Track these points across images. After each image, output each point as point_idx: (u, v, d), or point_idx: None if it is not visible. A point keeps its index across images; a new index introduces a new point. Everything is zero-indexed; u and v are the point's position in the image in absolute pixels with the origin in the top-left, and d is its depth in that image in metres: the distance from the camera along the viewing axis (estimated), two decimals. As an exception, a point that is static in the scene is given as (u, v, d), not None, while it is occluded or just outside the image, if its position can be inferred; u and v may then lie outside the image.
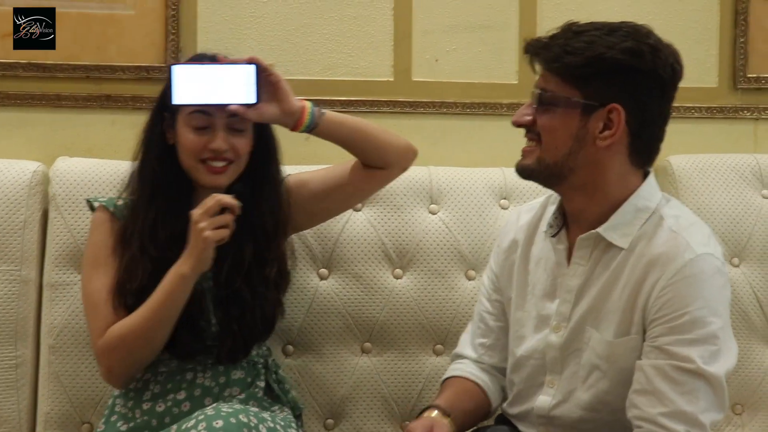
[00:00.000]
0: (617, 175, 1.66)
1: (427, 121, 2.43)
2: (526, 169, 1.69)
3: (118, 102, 2.31)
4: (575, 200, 1.70)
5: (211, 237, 1.75)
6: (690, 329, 1.56)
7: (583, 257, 1.70)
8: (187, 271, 1.78)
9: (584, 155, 1.63)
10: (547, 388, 1.74)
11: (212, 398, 1.87)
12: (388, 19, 2.40)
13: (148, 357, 1.86)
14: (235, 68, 1.83)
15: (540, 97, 1.65)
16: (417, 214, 2.25)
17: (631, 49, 1.58)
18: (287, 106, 1.87)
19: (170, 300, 1.79)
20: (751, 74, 2.53)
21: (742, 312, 2.27)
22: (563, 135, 1.63)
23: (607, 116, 1.60)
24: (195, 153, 1.86)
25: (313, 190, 2.03)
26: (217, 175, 1.87)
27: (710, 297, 1.58)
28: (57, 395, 2.09)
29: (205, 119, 1.85)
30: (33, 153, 2.26)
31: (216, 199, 1.77)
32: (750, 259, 2.31)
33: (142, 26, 2.31)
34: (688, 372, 1.54)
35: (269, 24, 2.36)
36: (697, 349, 1.55)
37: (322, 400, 2.19)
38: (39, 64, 2.27)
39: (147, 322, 1.80)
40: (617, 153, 1.64)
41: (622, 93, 1.60)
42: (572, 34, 1.62)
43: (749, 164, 2.38)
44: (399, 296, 2.21)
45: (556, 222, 1.75)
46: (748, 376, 2.27)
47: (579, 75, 1.60)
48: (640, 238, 1.65)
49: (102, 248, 1.91)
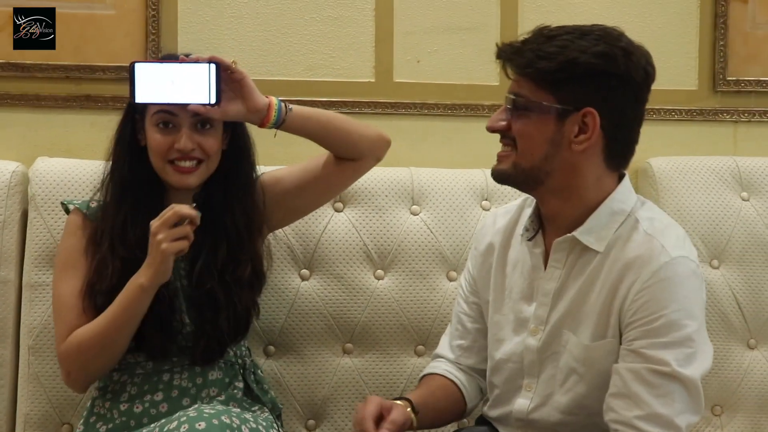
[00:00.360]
0: (593, 178, 1.66)
1: (408, 122, 2.43)
2: (503, 174, 1.69)
3: (98, 102, 2.30)
4: (551, 203, 1.70)
5: (169, 249, 1.73)
6: (665, 332, 1.56)
7: (559, 261, 1.70)
8: (145, 282, 1.76)
9: (560, 159, 1.63)
10: (525, 392, 1.74)
11: (190, 399, 1.87)
12: (369, 20, 2.40)
13: (105, 364, 1.85)
14: (195, 67, 1.80)
15: (514, 102, 1.64)
16: (398, 215, 2.25)
17: (603, 53, 1.58)
18: (252, 104, 1.85)
19: (129, 310, 1.78)
20: (731, 77, 2.54)
21: (721, 313, 2.29)
22: (538, 140, 1.62)
23: (582, 120, 1.60)
24: (161, 153, 1.85)
25: (288, 187, 2.02)
26: (186, 175, 1.85)
27: (685, 300, 1.59)
28: (36, 396, 2.08)
29: (169, 118, 1.85)
30: (12, 153, 2.25)
31: (174, 210, 1.74)
32: (729, 261, 2.33)
33: (122, 26, 2.30)
34: (663, 375, 1.55)
35: (250, 25, 2.35)
36: (672, 352, 1.56)
37: (304, 400, 2.18)
38: (18, 64, 2.26)
39: (105, 331, 1.79)
40: (593, 156, 1.64)
41: (596, 97, 1.59)
42: (544, 39, 1.62)
43: (729, 166, 2.40)
44: (380, 297, 2.21)
45: (532, 225, 1.75)
46: (728, 377, 2.29)
47: (552, 80, 1.59)
48: (616, 241, 1.65)
49: (72, 252, 1.90)
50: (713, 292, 2.29)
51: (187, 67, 1.81)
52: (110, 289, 1.83)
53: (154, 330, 1.84)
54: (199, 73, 1.80)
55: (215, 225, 1.88)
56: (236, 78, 1.83)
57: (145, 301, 1.78)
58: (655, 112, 2.50)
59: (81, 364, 1.84)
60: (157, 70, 1.81)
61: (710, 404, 2.29)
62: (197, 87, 1.80)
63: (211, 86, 1.80)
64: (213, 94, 1.80)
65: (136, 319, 1.80)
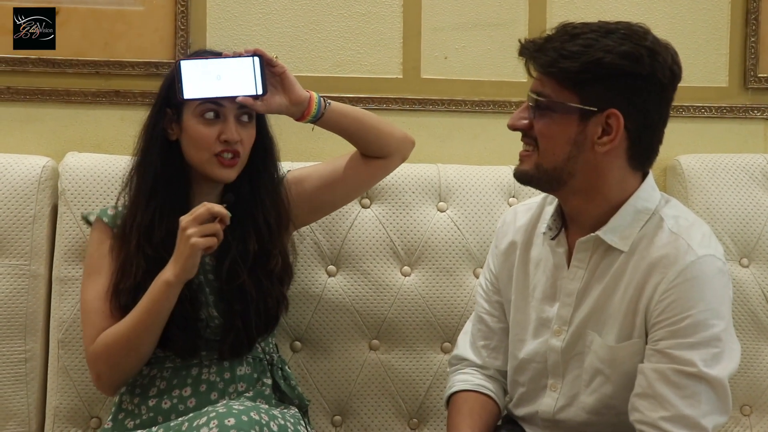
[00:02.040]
0: (616, 179, 1.63)
1: (435, 119, 2.43)
2: (525, 174, 1.66)
3: (127, 98, 2.31)
4: (574, 203, 1.68)
5: (199, 244, 1.74)
6: (692, 333, 1.55)
7: (582, 260, 1.68)
8: (171, 278, 1.77)
9: (583, 160, 1.60)
10: (550, 392, 1.73)
11: (217, 393, 1.88)
12: (397, 16, 2.40)
13: (134, 364, 1.86)
14: (240, 61, 1.84)
15: (537, 101, 1.61)
16: (425, 212, 2.25)
17: (628, 53, 1.54)
18: (294, 96, 1.88)
19: (155, 308, 1.79)
20: (762, 74, 2.51)
21: (750, 312, 2.27)
22: (561, 141, 1.60)
23: (606, 122, 1.57)
24: (208, 145, 1.86)
25: (315, 184, 2.03)
26: (228, 168, 1.87)
27: (712, 299, 1.57)
28: (66, 389, 2.10)
29: (217, 108, 1.86)
30: (42, 148, 2.27)
31: (206, 207, 1.76)
32: (759, 260, 2.30)
33: (151, 22, 2.31)
34: (689, 376, 1.54)
35: (278, 20, 2.36)
36: (698, 353, 1.54)
37: (330, 396, 2.19)
38: (48, 60, 2.28)
39: (132, 330, 1.81)
40: (616, 157, 1.61)
41: (620, 98, 1.56)
42: (568, 37, 1.58)
43: (759, 164, 2.37)
44: (407, 293, 2.21)
45: (554, 224, 1.73)
46: (757, 377, 2.27)
47: (576, 80, 1.56)
48: (641, 240, 1.63)
49: (96, 257, 1.92)
50: (743, 290, 2.27)
51: (232, 62, 1.84)
52: (134, 287, 1.84)
53: (178, 330, 1.85)
54: (243, 66, 1.84)
55: (245, 219, 1.89)
56: (278, 71, 1.87)
57: (172, 298, 1.79)
58: (685, 110, 2.48)
59: (110, 365, 1.85)
60: (203, 66, 1.84)
61: (739, 404, 2.28)
62: (243, 80, 1.84)
63: (257, 78, 1.84)
64: (260, 85, 1.85)
65: (163, 316, 1.80)
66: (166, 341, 1.86)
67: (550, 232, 1.74)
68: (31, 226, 2.12)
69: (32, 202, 2.13)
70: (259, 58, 1.84)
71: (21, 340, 2.11)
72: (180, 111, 1.88)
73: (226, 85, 1.84)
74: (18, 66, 2.28)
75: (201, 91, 1.83)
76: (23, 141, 2.28)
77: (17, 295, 2.10)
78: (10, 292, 2.10)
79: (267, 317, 1.92)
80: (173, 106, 1.88)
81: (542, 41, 1.61)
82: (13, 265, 2.11)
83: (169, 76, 1.90)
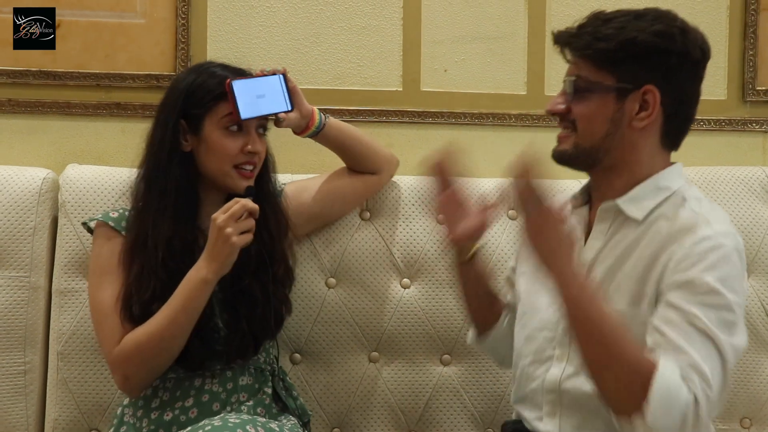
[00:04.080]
0: (648, 155, 1.67)
1: (435, 131, 2.43)
2: (564, 154, 1.69)
3: (127, 110, 2.32)
4: (605, 180, 1.70)
5: (238, 242, 1.77)
6: (704, 292, 1.50)
7: (601, 231, 1.69)
8: (210, 275, 1.78)
9: (620, 137, 1.64)
10: (556, 362, 1.70)
11: (220, 404, 1.88)
12: (397, 29, 2.41)
13: (165, 364, 1.86)
14: (271, 79, 1.94)
15: (574, 84, 1.66)
16: (425, 224, 2.25)
17: (661, 31, 1.61)
18: (304, 110, 1.99)
19: (191, 305, 1.79)
20: (761, 87, 2.53)
21: (750, 325, 2.25)
22: (599, 120, 1.64)
23: (642, 98, 1.62)
24: (231, 157, 1.88)
25: (312, 196, 2.09)
26: (248, 180, 1.91)
27: (729, 271, 1.53)
28: (65, 401, 2.10)
29: (239, 122, 1.88)
30: (43, 160, 2.27)
31: (241, 203, 1.78)
32: (759, 273, 2.31)
33: (151, 35, 2.32)
34: (699, 331, 1.48)
35: (278, 33, 2.37)
36: (711, 312, 1.49)
37: (330, 408, 2.19)
38: (49, 72, 2.29)
39: (166, 328, 1.80)
40: (651, 134, 1.66)
41: (655, 74, 1.62)
42: (600, 22, 1.65)
43: (758, 177, 2.38)
44: (406, 306, 2.21)
45: (581, 196, 1.77)
46: (757, 389, 2.27)
47: (612, 59, 1.62)
48: (659, 217, 1.64)
49: (106, 258, 1.91)
50: (742, 303, 2.27)
51: (268, 80, 1.94)
52: (151, 299, 1.83)
53: (196, 340, 1.84)
54: (274, 84, 1.95)
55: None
56: (290, 86, 1.97)
57: (207, 295, 1.80)
58: (684, 122, 2.49)
59: (139, 365, 1.84)
60: (248, 86, 1.89)
61: (739, 416, 2.28)
62: (276, 97, 1.95)
63: (285, 95, 1.96)
64: (288, 102, 1.96)
65: (196, 314, 1.81)
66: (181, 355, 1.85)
67: (575, 201, 1.77)
68: (31, 238, 2.12)
69: (32, 214, 2.13)
70: (283, 76, 1.95)
71: (20, 352, 2.11)
72: (198, 123, 1.88)
73: (267, 102, 1.92)
74: (19, 78, 2.28)
75: (252, 110, 1.88)
76: (24, 153, 2.29)
77: (17, 306, 2.11)
78: (10, 304, 2.10)
79: (273, 319, 1.93)
80: (188, 118, 1.89)
81: (576, 29, 1.67)
82: (13, 276, 2.11)
83: (178, 89, 1.90)
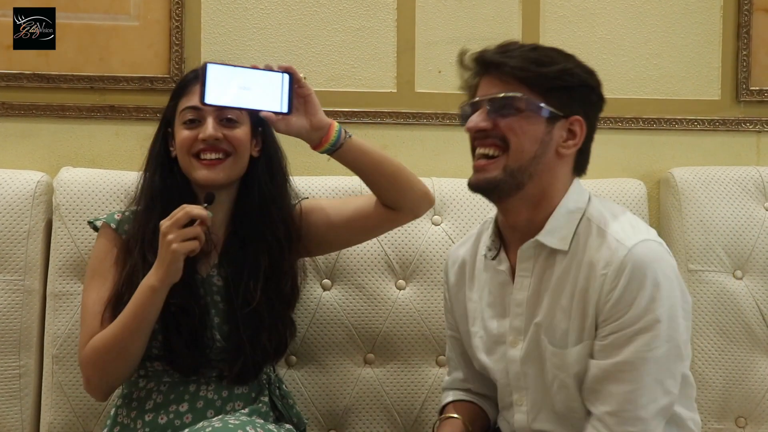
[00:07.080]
0: (562, 184, 1.69)
1: (430, 133, 2.43)
2: (492, 182, 1.65)
3: (121, 113, 2.31)
4: (521, 211, 1.68)
5: (179, 249, 1.73)
6: (635, 321, 1.57)
7: (527, 269, 1.70)
8: (155, 283, 1.76)
9: (545, 161, 1.64)
10: (517, 407, 1.74)
11: (214, 411, 1.87)
12: (391, 30, 2.41)
13: (122, 370, 1.84)
14: (270, 75, 1.78)
15: (504, 100, 1.62)
16: (420, 225, 2.25)
17: (587, 68, 1.68)
18: (317, 121, 1.82)
19: (141, 312, 1.77)
20: (754, 87, 2.53)
21: (744, 325, 2.27)
22: (531, 138, 1.63)
23: (569, 128, 1.65)
24: (187, 147, 1.86)
25: (322, 220, 1.99)
26: (212, 168, 1.85)
27: (651, 283, 1.57)
28: (60, 405, 2.10)
29: (195, 113, 1.86)
30: (37, 163, 2.27)
31: (185, 210, 1.74)
32: (753, 272, 2.31)
33: (146, 37, 2.32)
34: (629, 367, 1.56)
35: (273, 35, 2.37)
36: (638, 340, 1.56)
37: (325, 410, 2.19)
38: (43, 75, 2.29)
39: (119, 334, 1.79)
40: (566, 163, 1.68)
41: (581, 107, 1.66)
42: (528, 49, 1.67)
43: (752, 177, 2.38)
44: (402, 307, 2.21)
45: (493, 244, 1.75)
46: (752, 389, 2.27)
47: (548, 86, 1.62)
48: (577, 242, 1.66)
49: (102, 260, 1.91)
50: (736, 302, 2.28)
51: (262, 74, 1.78)
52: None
53: (186, 347, 1.84)
54: (272, 81, 1.79)
55: (255, 236, 1.88)
56: (304, 93, 1.81)
57: (158, 303, 1.78)
58: (678, 123, 2.50)
59: (98, 369, 1.83)
60: (230, 74, 1.76)
61: (734, 416, 2.28)
62: (270, 95, 1.78)
63: (284, 95, 1.79)
64: (285, 103, 1.79)
65: (149, 322, 1.79)
66: (173, 359, 1.85)
67: (490, 252, 1.76)
68: (25, 241, 2.12)
69: (27, 217, 2.13)
70: (289, 76, 1.79)
71: (15, 355, 2.11)
72: (173, 126, 1.89)
73: (251, 96, 1.77)
74: (13, 81, 2.28)
75: (223, 98, 1.75)
76: (18, 156, 2.29)
77: (11, 310, 2.10)
78: (4, 308, 2.10)
79: (278, 344, 1.92)
80: (172, 125, 1.89)
81: (502, 49, 1.66)
82: (8, 280, 2.11)
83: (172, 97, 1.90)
